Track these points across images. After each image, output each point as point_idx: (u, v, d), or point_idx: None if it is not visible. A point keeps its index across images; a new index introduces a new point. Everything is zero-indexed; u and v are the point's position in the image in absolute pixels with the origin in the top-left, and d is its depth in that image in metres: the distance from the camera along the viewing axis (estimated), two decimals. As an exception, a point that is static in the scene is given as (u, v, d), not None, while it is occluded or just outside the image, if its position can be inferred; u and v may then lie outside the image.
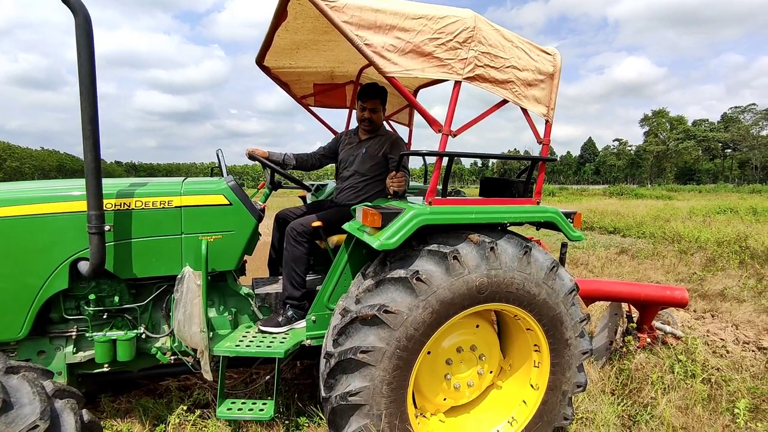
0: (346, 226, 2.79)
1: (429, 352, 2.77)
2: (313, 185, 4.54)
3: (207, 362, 2.70)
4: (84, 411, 2.10)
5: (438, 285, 2.42)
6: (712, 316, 6.75)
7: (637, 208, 22.66)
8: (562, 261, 3.69)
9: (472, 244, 2.54)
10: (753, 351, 5.04)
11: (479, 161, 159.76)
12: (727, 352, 4.97)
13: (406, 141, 4.72)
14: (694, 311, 7.03)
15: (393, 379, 2.41)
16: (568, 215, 2.99)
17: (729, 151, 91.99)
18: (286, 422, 3.29)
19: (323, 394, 2.51)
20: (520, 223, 3.03)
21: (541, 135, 2.86)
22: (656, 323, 4.85)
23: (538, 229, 3.20)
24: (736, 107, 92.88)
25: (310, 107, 4.47)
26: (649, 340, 4.61)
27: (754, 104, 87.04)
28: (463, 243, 2.55)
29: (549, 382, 2.85)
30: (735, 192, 39.25)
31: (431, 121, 2.46)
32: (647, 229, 14.92)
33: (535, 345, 2.86)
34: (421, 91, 4.66)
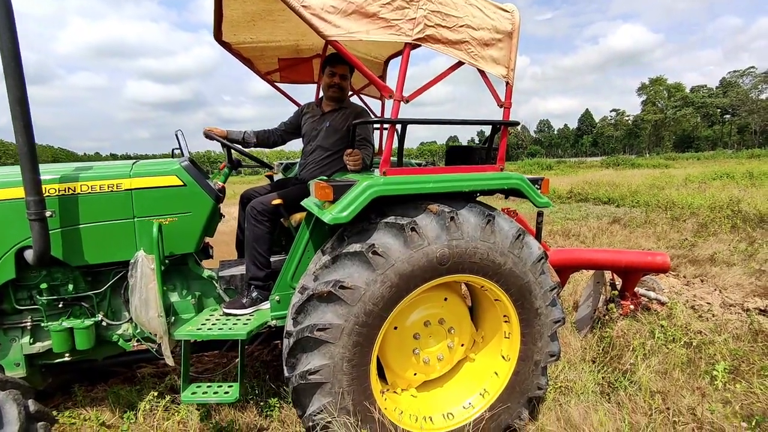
0: (304, 203, 2.70)
1: (396, 327, 2.71)
2: (282, 164, 4.42)
3: (167, 347, 2.64)
4: (30, 401, 2.05)
5: (396, 258, 2.34)
6: (702, 281, 6.71)
7: (633, 177, 22.51)
8: (538, 231, 3.61)
9: (432, 215, 2.45)
10: (738, 313, 5.01)
11: (476, 137, 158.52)
12: (713, 315, 4.94)
13: (379, 114, 4.58)
14: (684, 277, 6.99)
15: (353, 356, 2.35)
16: (535, 181, 2.88)
17: (728, 116, 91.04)
18: (261, 404, 3.27)
19: (286, 373, 2.46)
20: (490, 192, 2.93)
21: (502, 98, 2.73)
22: (640, 290, 4.80)
23: (506, 198, 3.10)
24: (734, 71, 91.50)
25: (275, 84, 4.32)
26: (632, 307, 4.56)
27: (753, 67, 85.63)
28: (422, 214, 2.46)
29: (520, 353, 2.80)
30: (733, 158, 38.99)
31: (381, 87, 2.34)
32: (641, 197, 14.82)
33: (504, 316, 2.80)
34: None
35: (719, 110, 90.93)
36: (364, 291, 2.30)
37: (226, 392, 2.67)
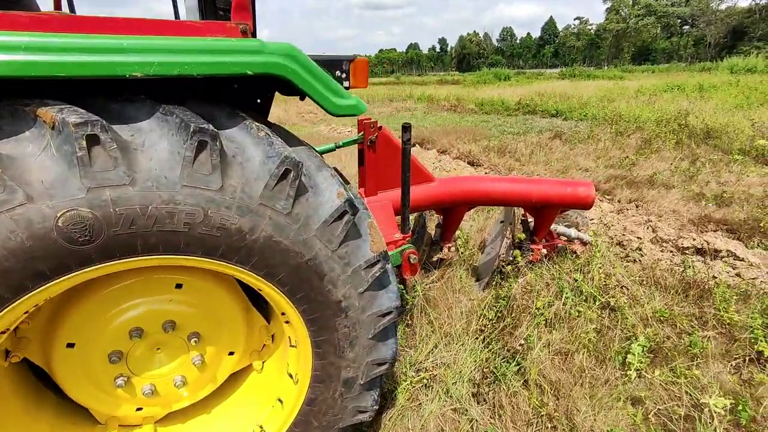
0: None
1: (72, 345, 1.44)
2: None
3: None
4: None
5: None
6: (636, 206, 5.86)
7: (586, 89, 21.38)
8: (405, 152, 2.33)
9: (45, 127, 1.07)
10: (671, 252, 4.15)
11: (437, 45, 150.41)
12: (642, 255, 4.04)
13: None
14: (618, 201, 6.12)
15: None
16: (336, 64, 1.50)
17: (687, 27, 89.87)
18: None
19: None
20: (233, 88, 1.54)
21: None
22: (558, 227, 3.76)
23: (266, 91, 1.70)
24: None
25: None
26: (545, 251, 3.53)
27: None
28: (22, 125, 1.07)
29: (315, 371, 1.63)
30: (686, 71, 38.48)
31: None
32: (590, 111, 13.81)
33: (282, 313, 1.58)
34: None
35: (679, 20, 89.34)
36: None
37: None
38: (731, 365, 2.47)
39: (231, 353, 1.73)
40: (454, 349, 2.71)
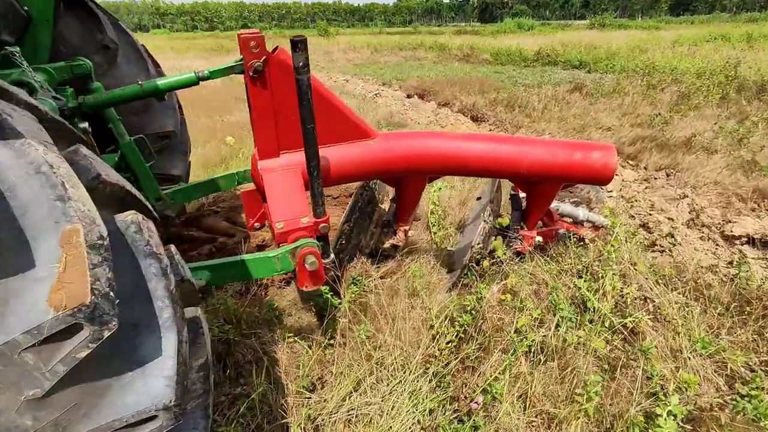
0: None
1: None
2: None
3: None
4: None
5: None
6: (667, 175, 4.75)
7: (616, 39, 19.27)
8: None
9: None
10: (715, 243, 3.11)
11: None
12: (674, 244, 3.02)
13: None
14: (645, 168, 5.00)
15: None
16: None
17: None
18: None
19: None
20: None
21: None
22: (562, 206, 2.75)
23: None
24: None
25: None
26: (540, 239, 2.54)
27: None
28: None
29: None
30: (731, 21, 35.04)
31: None
32: (619, 62, 12.20)
33: None
34: None
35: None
36: None
37: None
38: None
39: None
40: (385, 389, 1.82)
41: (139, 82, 1.64)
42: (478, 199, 2.53)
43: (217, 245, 2.99)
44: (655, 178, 4.70)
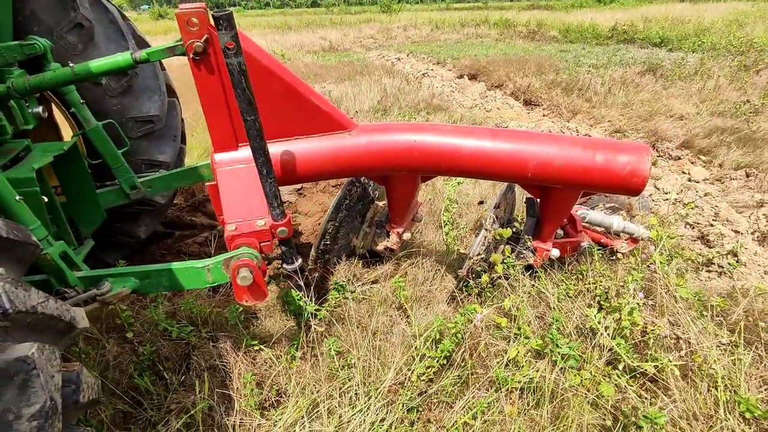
0: None
1: None
2: None
3: None
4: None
5: None
6: (747, 175, 4.01)
7: (711, 12, 16.95)
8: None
9: None
10: (792, 265, 2.52)
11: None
12: (736, 265, 2.48)
13: None
14: (719, 166, 4.28)
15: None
16: None
17: None
18: None
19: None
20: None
21: None
22: (590, 213, 2.33)
23: None
24: None
25: None
26: (556, 252, 2.16)
27: None
28: None
29: None
30: None
31: None
32: (709, 38, 10.68)
33: None
34: None
35: None
36: None
37: None
38: None
39: None
40: (343, 417, 1.61)
41: (70, 65, 1.51)
42: (481, 203, 2.18)
43: (216, 233, 2.90)
44: (731, 179, 4.00)
